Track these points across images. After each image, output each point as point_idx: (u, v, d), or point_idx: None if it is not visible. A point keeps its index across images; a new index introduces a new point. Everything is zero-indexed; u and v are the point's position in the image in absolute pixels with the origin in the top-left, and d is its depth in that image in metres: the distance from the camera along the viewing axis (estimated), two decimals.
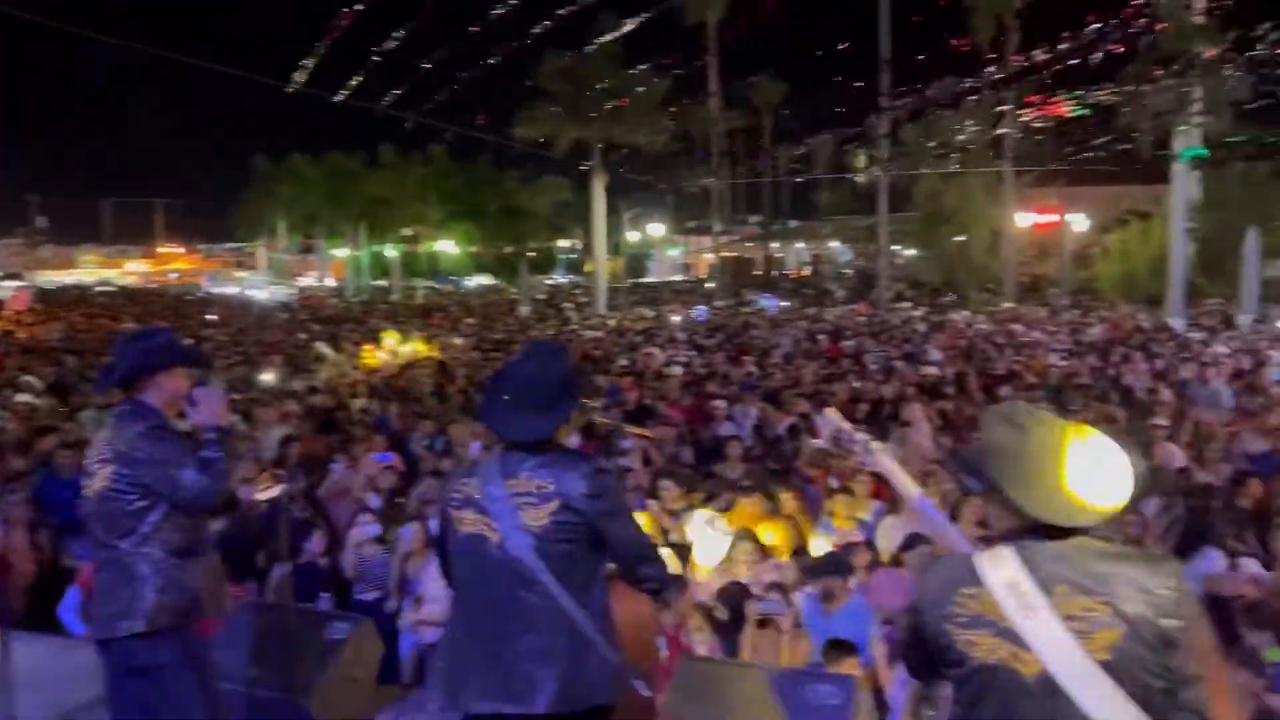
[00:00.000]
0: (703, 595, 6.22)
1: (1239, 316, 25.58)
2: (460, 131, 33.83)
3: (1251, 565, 6.05)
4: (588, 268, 45.02)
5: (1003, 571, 2.16)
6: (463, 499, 2.99)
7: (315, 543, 6.54)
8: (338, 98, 30.41)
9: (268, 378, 14.17)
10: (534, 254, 45.78)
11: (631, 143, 35.03)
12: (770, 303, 35.22)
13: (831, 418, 2.98)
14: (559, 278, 56.75)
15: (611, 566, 3.01)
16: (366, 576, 6.53)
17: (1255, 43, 26.50)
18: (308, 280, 59.03)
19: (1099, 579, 2.10)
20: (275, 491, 5.03)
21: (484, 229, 46.14)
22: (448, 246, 48.12)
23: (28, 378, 13.78)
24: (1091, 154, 34.36)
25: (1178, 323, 24.54)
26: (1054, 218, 36.73)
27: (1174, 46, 26.49)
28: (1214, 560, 6.04)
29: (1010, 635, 2.13)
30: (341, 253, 54.59)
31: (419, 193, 45.57)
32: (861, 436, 2.90)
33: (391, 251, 49.53)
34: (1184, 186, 27.71)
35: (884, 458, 2.88)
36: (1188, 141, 27.51)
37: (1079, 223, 39.07)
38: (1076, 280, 38.22)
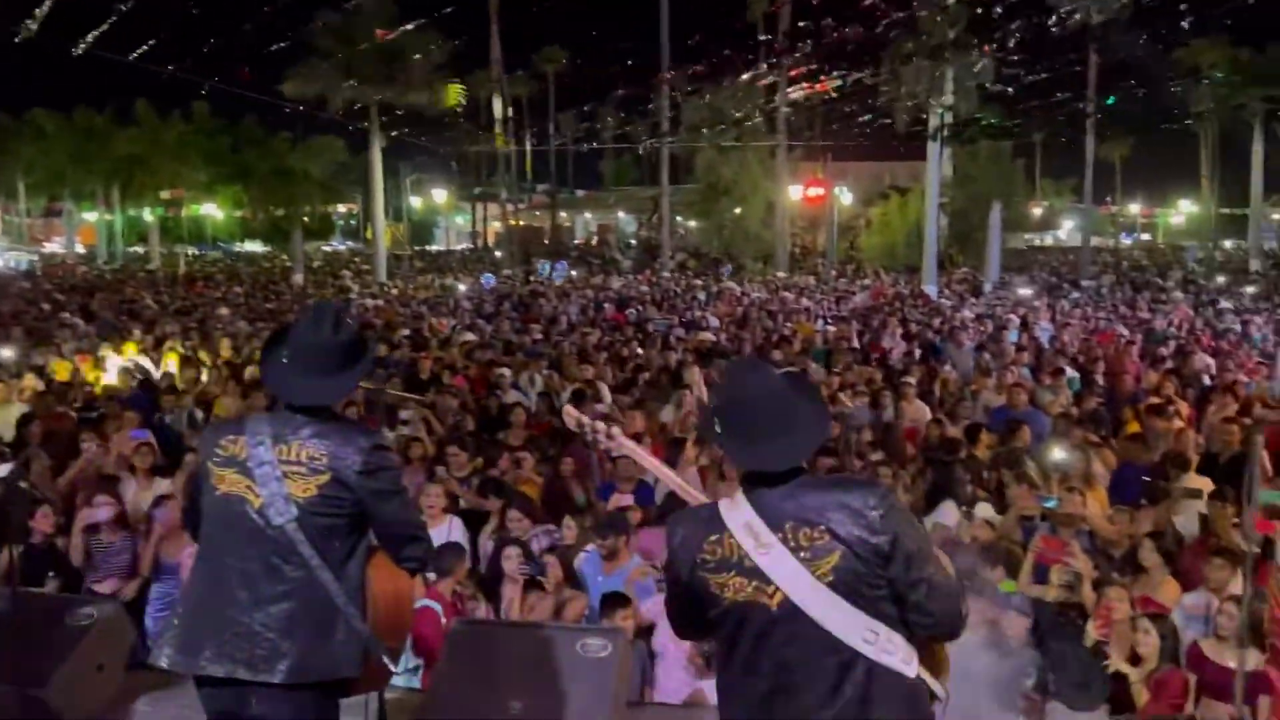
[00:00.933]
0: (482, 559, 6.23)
1: (985, 284, 27.93)
2: (223, 88, 31.61)
3: (986, 509, 6.64)
4: (369, 234, 43.55)
5: (739, 515, 2.31)
6: (225, 457, 2.82)
7: (41, 521, 5.93)
8: (79, 49, 27.65)
9: (6, 353, 12.83)
10: (309, 220, 43.64)
11: (411, 105, 34.01)
12: (559, 271, 35.26)
13: (572, 413, 3.01)
14: (337, 245, 54.57)
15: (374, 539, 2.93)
16: (102, 565, 5.95)
17: (997, 29, 28.71)
18: (55, 246, 54.07)
19: (817, 510, 2.28)
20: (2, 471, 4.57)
21: (253, 192, 43.60)
22: (214, 211, 45.20)
23: None
24: (856, 130, 36.33)
25: (931, 290, 26.47)
26: (822, 191, 38.70)
27: (927, 30, 28.34)
28: (948, 513, 6.59)
29: (753, 572, 2.28)
30: (92, 216, 50.20)
31: (179, 152, 42.43)
32: (602, 426, 2.94)
33: (150, 216, 46.00)
34: (938, 164, 29.79)
35: (624, 440, 2.96)
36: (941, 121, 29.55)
37: (846, 196, 41.40)
38: (843, 250, 40.52)
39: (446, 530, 6.02)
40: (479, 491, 7.03)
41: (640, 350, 14.15)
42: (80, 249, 51.80)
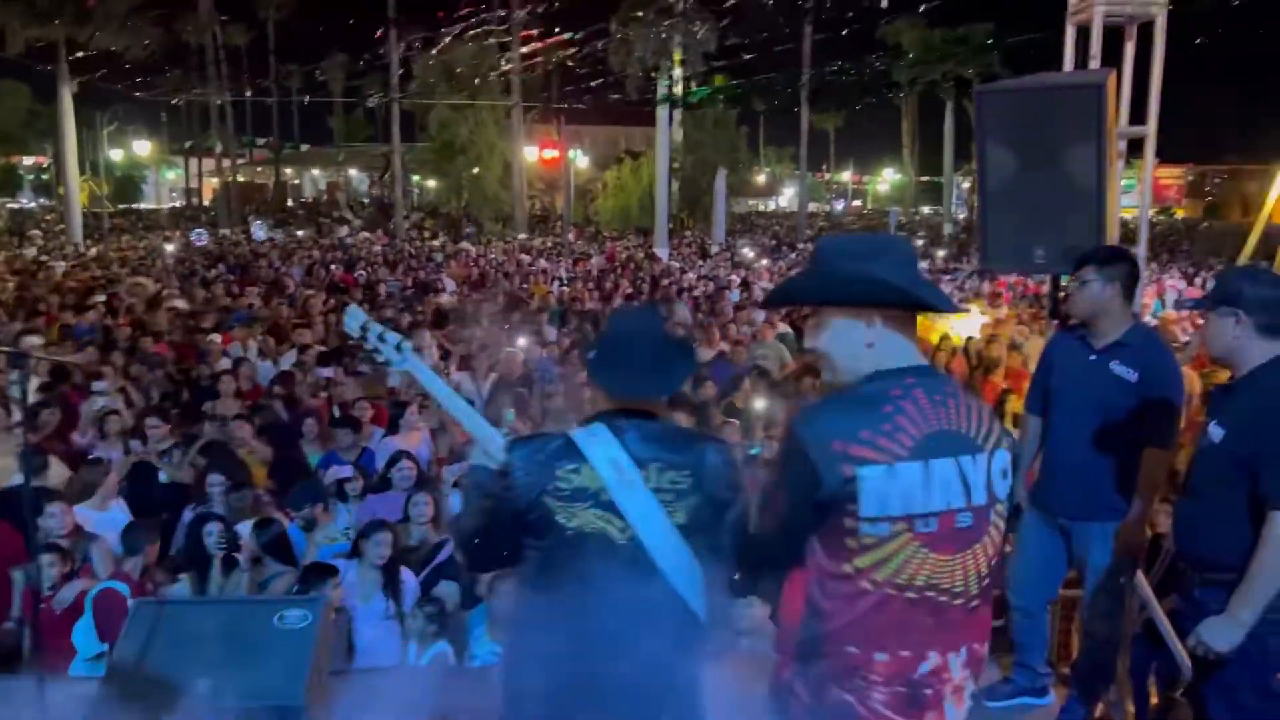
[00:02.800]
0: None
1: (712, 247, 29.20)
2: None
3: None
4: (61, 190, 39.35)
5: (603, 448, 2.33)
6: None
7: None
8: None
9: None
10: None
11: (108, 48, 30.83)
12: (257, 230, 33.02)
13: (358, 313, 2.84)
14: (25, 201, 48.84)
15: None
16: None
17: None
18: None
19: (681, 455, 2.35)
20: None
21: None
22: None
23: None
24: (589, 95, 36.75)
25: (663, 252, 27.36)
26: (558, 154, 38.87)
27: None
28: None
29: (609, 506, 2.31)
30: None
31: None
32: (394, 335, 2.77)
33: None
34: (667, 129, 30.72)
35: (414, 357, 2.78)
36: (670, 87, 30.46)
37: (581, 160, 41.80)
38: (580, 213, 40.99)
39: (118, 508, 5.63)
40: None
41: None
42: None
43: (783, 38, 34.59)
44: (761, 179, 56.67)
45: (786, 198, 63.13)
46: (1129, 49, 5.24)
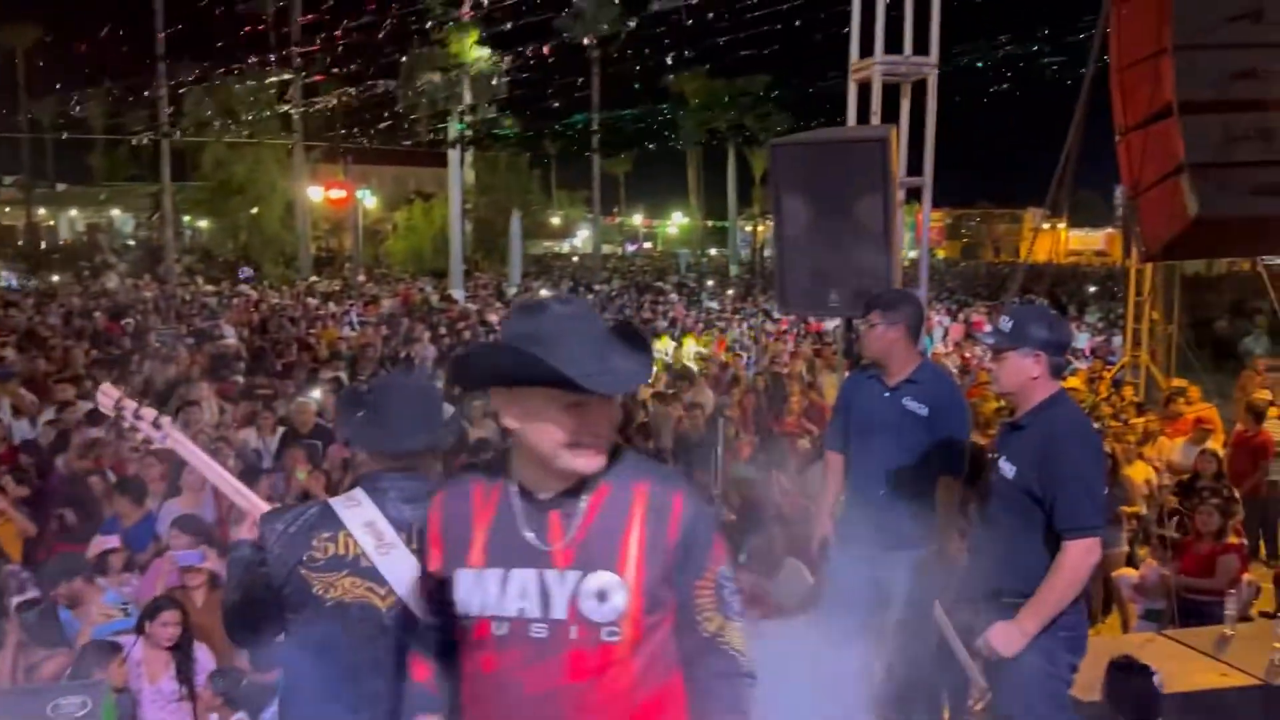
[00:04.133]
0: None
1: (509, 288, 29.11)
2: None
3: None
4: None
5: (360, 514, 2.26)
6: None
7: None
8: None
9: None
10: None
11: None
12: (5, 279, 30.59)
13: (110, 393, 2.65)
14: None
15: None
16: None
17: (512, 44, 30.13)
18: None
19: None
20: None
21: None
22: None
23: None
24: (374, 135, 36.05)
25: (459, 294, 27.02)
26: (345, 194, 37.77)
27: (447, 43, 28.98)
28: None
29: (369, 573, 2.22)
30: None
31: None
32: (149, 411, 2.61)
33: None
34: (459, 171, 30.51)
35: (175, 432, 2.65)
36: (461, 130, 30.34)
37: (370, 200, 40.81)
38: (371, 255, 39.92)
39: None
40: None
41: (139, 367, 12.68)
42: None
43: (573, 85, 35.30)
44: (556, 221, 57.15)
45: (580, 239, 63.95)
46: (904, 106, 5.65)
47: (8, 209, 50.02)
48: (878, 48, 5.37)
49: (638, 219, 73.14)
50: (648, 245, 72.28)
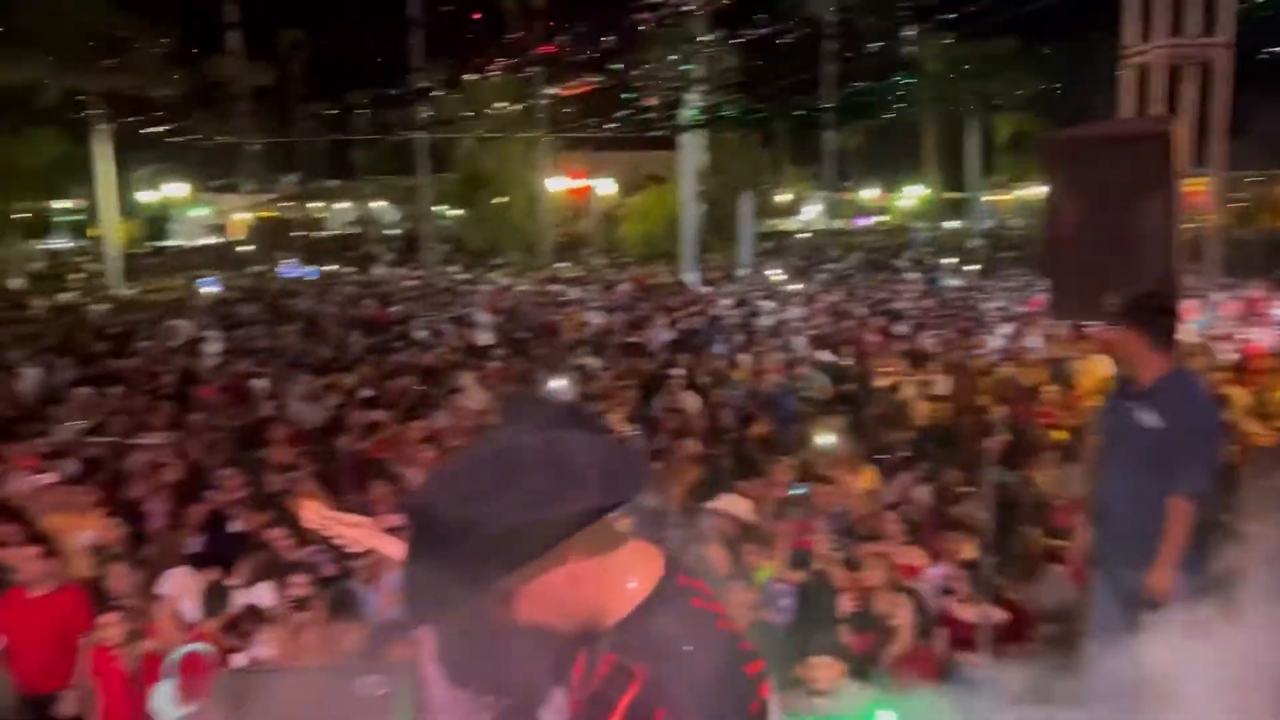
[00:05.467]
0: None
1: (738, 270, 29.15)
2: None
3: (732, 499, 6.73)
4: (91, 231, 39.84)
5: None
6: None
7: None
8: None
9: None
10: (25, 217, 39.15)
11: (139, 94, 31.29)
12: (288, 271, 33.52)
13: (314, 511, 2.19)
14: (61, 243, 49.42)
15: None
16: None
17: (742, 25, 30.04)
18: None
19: None
20: None
21: None
22: None
23: None
24: (615, 123, 36.94)
25: (691, 277, 27.32)
26: (583, 182, 39.04)
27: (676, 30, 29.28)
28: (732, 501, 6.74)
29: None
30: None
31: None
32: (350, 517, 2.18)
33: None
34: (692, 154, 30.74)
35: (373, 533, 2.16)
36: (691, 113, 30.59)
37: (606, 187, 41.96)
38: (606, 240, 41.09)
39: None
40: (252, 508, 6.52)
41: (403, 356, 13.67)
42: None
43: (803, 64, 34.77)
44: (785, 197, 56.45)
45: (810, 215, 62.90)
46: (1187, 92, 5.21)
47: (286, 204, 55.03)
48: (1158, 28, 4.96)
49: (869, 193, 71.18)
50: (885, 218, 70.15)
